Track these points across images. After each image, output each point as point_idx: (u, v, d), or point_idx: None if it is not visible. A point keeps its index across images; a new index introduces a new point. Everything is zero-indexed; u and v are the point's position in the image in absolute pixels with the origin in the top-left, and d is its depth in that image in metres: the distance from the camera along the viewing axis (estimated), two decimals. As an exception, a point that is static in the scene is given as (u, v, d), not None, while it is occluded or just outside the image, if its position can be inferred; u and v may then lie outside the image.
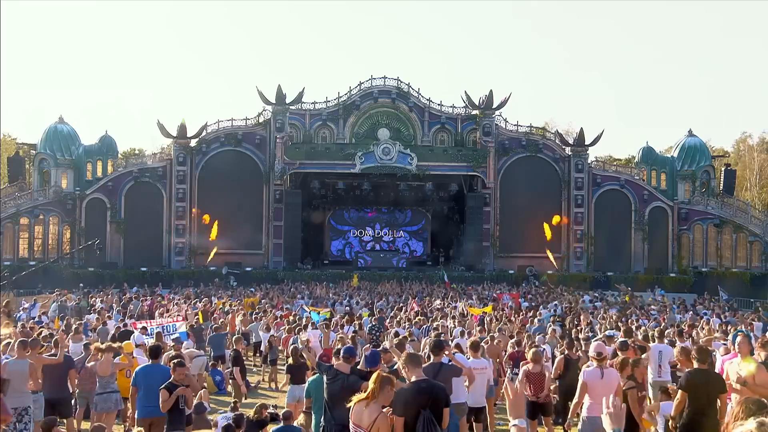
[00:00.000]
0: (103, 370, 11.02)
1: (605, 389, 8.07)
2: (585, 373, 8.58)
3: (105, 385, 10.96)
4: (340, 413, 7.81)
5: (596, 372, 8.42)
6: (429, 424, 6.02)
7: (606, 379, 8.31)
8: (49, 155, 45.75)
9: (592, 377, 8.41)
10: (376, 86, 47.45)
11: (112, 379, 11.00)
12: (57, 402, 10.80)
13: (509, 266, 45.01)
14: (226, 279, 40.62)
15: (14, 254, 42.75)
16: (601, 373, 8.35)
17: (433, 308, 24.72)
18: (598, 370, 8.42)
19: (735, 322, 21.64)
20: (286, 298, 30.84)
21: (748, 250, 46.00)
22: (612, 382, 8.32)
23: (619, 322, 19.52)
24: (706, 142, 51.84)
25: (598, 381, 8.32)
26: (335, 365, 8.35)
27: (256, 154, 45.83)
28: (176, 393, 8.70)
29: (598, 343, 9.19)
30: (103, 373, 10.99)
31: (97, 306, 25.90)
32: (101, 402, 10.95)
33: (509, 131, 47.46)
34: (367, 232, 49.38)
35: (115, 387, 11.03)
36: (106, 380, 10.97)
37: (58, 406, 10.79)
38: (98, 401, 10.97)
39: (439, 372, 8.33)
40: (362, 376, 7.86)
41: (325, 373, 8.45)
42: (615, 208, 46.74)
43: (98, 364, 11.08)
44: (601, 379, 8.30)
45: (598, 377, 8.34)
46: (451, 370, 8.74)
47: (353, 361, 8.25)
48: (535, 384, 10.66)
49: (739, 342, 9.13)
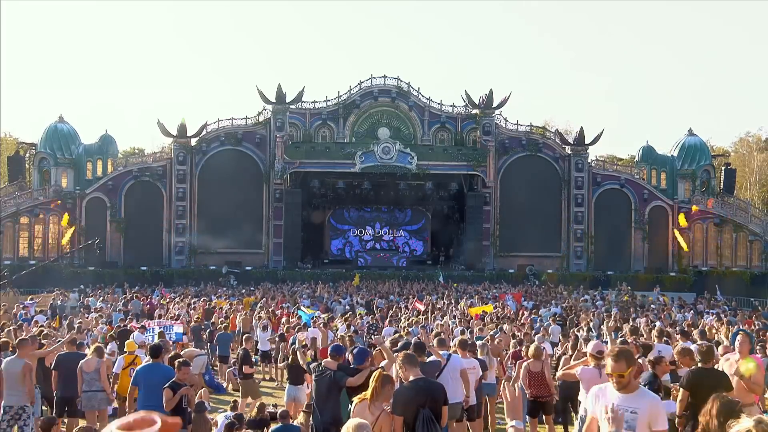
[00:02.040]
0: (89, 366, 11.03)
1: None
2: (583, 371, 8.59)
3: (90, 383, 10.97)
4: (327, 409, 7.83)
5: (594, 371, 8.39)
6: (428, 422, 6.03)
7: (604, 377, 7.95)
8: (49, 154, 45.72)
9: (590, 376, 8.40)
10: (376, 85, 47.43)
11: (97, 376, 10.98)
12: (69, 400, 10.86)
13: (509, 265, 45.01)
14: (226, 278, 40.65)
15: (14, 253, 42.76)
16: (600, 372, 8.26)
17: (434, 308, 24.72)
18: (597, 369, 8.37)
19: (735, 321, 21.65)
20: (287, 296, 30.83)
21: (748, 250, 46.00)
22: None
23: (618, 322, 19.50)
24: (706, 142, 51.85)
25: (596, 380, 8.16)
26: (323, 363, 8.39)
27: (256, 153, 45.82)
28: (180, 392, 8.71)
29: (597, 342, 9.20)
30: (88, 369, 11.00)
31: (97, 305, 25.93)
32: (86, 400, 10.98)
33: (509, 130, 47.45)
34: (367, 231, 49.37)
35: (100, 386, 11.01)
36: (91, 377, 10.97)
37: (69, 405, 10.86)
38: (83, 399, 11.01)
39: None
40: (349, 373, 7.88)
41: (313, 371, 8.48)
42: (615, 207, 46.72)
43: (85, 362, 11.09)
44: (600, 378, 8.16)
45: (597, 376, 8.27)
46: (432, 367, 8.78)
47: (341, 359, 8.28)
48: (536, 383, 10.65)
49: (739, 341, 9.15)
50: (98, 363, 11.02)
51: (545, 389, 10.70)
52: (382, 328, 18.25)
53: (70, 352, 11.49)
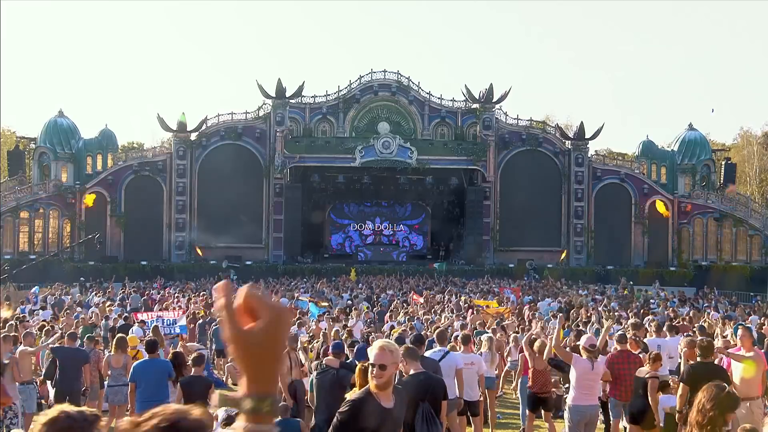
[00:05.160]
0: (117, 361, 11.07)
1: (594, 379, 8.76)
2: (576, 359, 8.89)
3: (117, 378, 10.99)
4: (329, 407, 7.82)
5: (587, 363, 8.80)
6: (428, 416, 6.02)
7: (596, 370, 8.80)
8: (48, 149, 45.68)
9: (583, 366, 8.78)
10: (376, 80, 47.33)
11: (124, 371, 10.96)
12: (68, 393, 10.86)
13: (509, 260, 44.96)
14: (226, 273, 40.62)
15: (14, 248, 42.75)
16: (591, 365, 8.76)
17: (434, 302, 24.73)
18: (589, 362, 8.80)
19: (735, 316, 21.66)
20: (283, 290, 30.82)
21: (748, 244, 45.99)
22: (599, 372, 8.92)
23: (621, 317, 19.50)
24: (706, 136, 51.80)
25: (588, 372, 8.74)
26: (325, 360, 8.38)
27: (256, 147, 45.76)
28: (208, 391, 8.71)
29: (590, 336, 9.65)
30: (116, 365, 11.03)
31: (97, 300, 25.93)
32: (112, 395, 11.01)
33: (509, 125, 47.38)
34: (367, 225, 49.34)
35: (126, 380, 10.87)
36: (119, 372, 10.99)
37: (69, 398, 10.85)
38: (109, 393, 11.04)
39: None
40: (352, 370, 7.87)
41: (315, 368, 8.47)
42: (615, 202, 46.68)
43: (113, 357, 11.15)
44: (592, 370, 8.74)
45: (589, 369, 8.75)
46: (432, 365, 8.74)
47: (342, 357, 8.28)
48: (538, 379, 10.69)
49: (740, 335, 9.17)
50: (126, 359, 11.06)
51: (547, 385, 10.75)
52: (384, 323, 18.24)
53: (68, 346, 11.50)
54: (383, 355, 4.87)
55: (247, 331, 1.59)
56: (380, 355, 4.87)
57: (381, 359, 4.86)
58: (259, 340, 1.59)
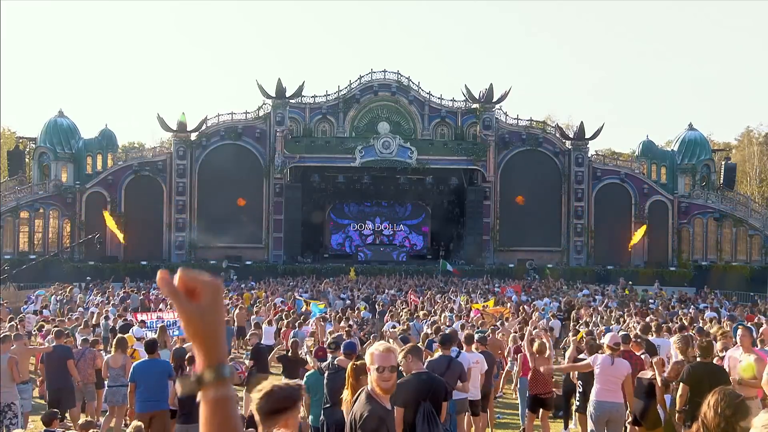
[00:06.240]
0: (115, 362, 11.05)
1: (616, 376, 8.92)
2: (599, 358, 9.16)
3: (116, 378, 10.97)
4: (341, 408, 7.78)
5: (607, 359, 9.02)
6: (429, 416, 6.01)
7: (616, 366, 8.95)
8: (48, 149, 45.69)
9: (604, 363, 9.01)
10: (376, 80, 47.33)
11: (123, 372, 10.95)
12: (59, 391, 10.85)
13: (509, 260, 44.97)
14: (226, 273, 40.62)
15: (14, 248, 42.75)
16: (612, 360, 8.96)
17: (433, 302, 24.70)
18: (609, 358, 9.02)
19: (735, 316, 21.62)
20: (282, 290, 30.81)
21: (748, 244, 45.99)
22: (621, 371, 8.97)
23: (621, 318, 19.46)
24: (707, 136, 51.79)
25: (608, 368, 8.94)
26: (337, 361, 8.32)
27: (256, 147, 45.75)
28: None
29: (614, 334, 9.88)
30: (114, 365, 11.00)
31: (97, 300, 25.93)
32: (111, 395, 10.99)
33: (509, 125, 47.37)
34: (367, 225, 49.34)
35: (125, 381, 10.84)
36: (117, 372, 10.96)
37: (60, 396, 10.84)
38: (108, 394, 11.02)
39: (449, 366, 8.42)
40: None
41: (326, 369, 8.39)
42: (615, 201, 46.65)
43: (112, 357, 11.12)
44: (611, 366, 8.93)
45: (608, 364, 8.95)
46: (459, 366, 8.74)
47: (354, 357, 8.22)
48: (538, 380, 10.68)
49: (740, 335, 9.17)
50: (124, 359, 11.01)
51: (547, 386, 10.75)
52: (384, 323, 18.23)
53: (57, 345, 11.50)
54: (390, 357, 4.67)
55: (194, 306, 1.77)
56: (387, 356, 4.65)
57: (390, 361, 4.66)
58: (206, 311, 1.77)
